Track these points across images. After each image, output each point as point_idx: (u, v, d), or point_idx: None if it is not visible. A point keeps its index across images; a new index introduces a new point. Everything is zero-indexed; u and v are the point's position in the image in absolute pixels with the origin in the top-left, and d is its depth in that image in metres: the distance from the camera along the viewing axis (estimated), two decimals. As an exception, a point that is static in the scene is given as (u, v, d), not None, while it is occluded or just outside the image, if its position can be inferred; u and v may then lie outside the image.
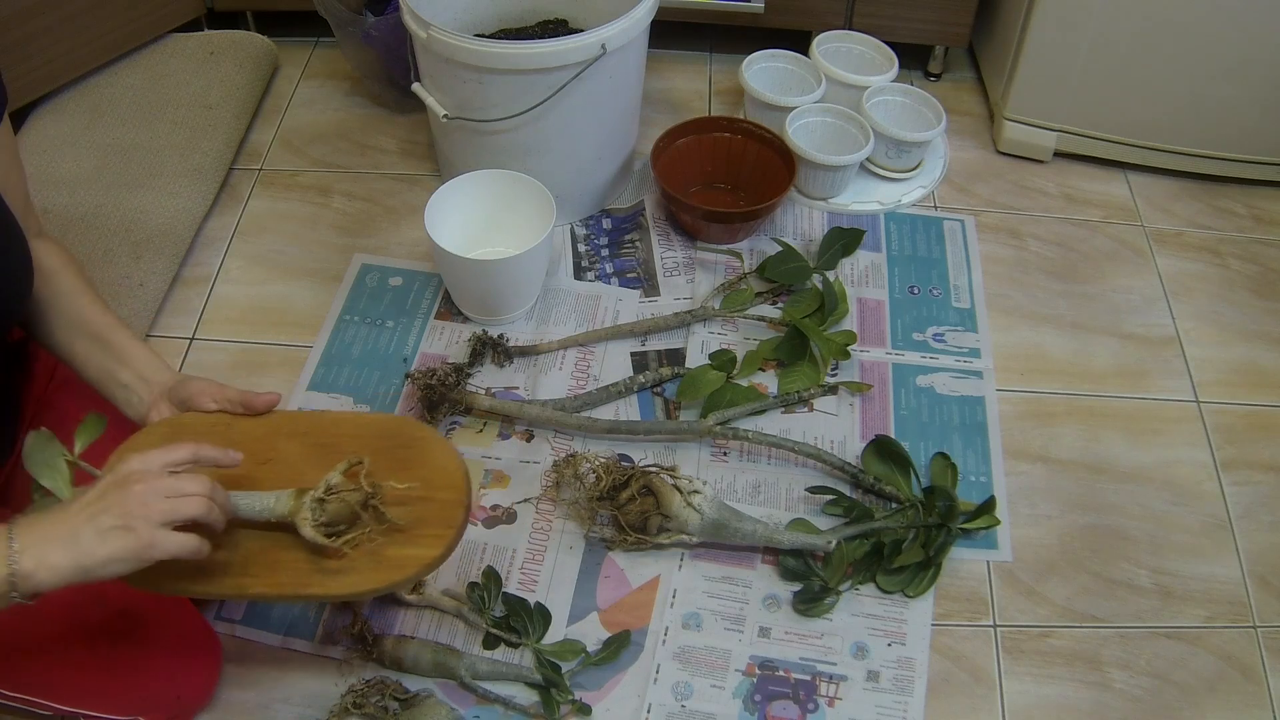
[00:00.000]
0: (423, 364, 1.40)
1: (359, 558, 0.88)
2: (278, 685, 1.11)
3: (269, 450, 0.94)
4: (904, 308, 1.50)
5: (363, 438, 0.96)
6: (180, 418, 0.97)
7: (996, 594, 1.22)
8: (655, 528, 1.19)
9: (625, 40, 1.37)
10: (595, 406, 1.36)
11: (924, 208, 1.65)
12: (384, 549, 0.89)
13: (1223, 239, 1.64)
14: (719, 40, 1.93)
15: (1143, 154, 1.70)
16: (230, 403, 0.98)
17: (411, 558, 0.88)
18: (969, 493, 1.29)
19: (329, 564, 0.87)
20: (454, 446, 0.96)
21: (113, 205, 1.53)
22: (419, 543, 0.89)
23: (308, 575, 0.87)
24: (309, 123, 1.76)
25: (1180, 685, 1.16)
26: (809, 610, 1.18)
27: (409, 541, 0.89)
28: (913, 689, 1.13)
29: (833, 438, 1.34)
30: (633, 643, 1.15)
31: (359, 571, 0.87)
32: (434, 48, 1.35)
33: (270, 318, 1.46)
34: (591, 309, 1.48)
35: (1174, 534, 1.28)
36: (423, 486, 0.91)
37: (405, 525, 0.89)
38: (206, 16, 1.84)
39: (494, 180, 1.43)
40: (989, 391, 1.41)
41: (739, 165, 1.61)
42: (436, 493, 0.92)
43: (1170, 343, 1.49)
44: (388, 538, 0.89)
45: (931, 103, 1.65)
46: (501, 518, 1.25)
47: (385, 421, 1.00)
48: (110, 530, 0.77)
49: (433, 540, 0.89)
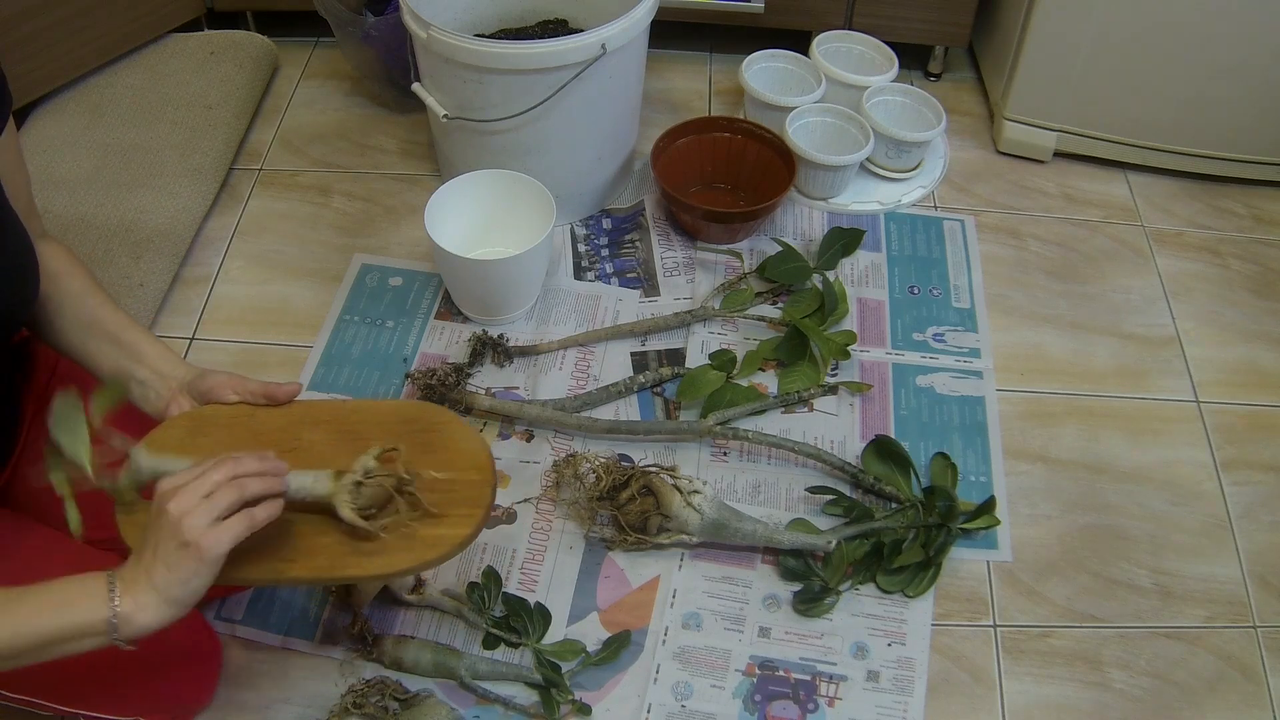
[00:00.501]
0: (423, 364, 1.40)
1: (392, 539, 0.89)
2: (278, 685, 1.11)
3: (293, 440, 0.95)
4: (904, 308, 1.50)
5: (385, 424, 0.97)
6: (200, 411, 0.97)
7: (996, 594, 1.22)
8: (655, 528, 1.19)
9: (625, 40, 1.37)
10: (595, 406, 1.36)
11: (924, 208, 1.65)
12: (417, 529, 0.90)
13: (1223, 239, 1.64)
14: (719, 40, 1.93)
15: (1143, 154, 1.70)
16: (252, 394, 0.97)
17: (444, 537, 0.90)
18: (969, 493, 1.29)
19: (364, 546, 0.88)
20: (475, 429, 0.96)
21: (113, 205, 1.53)
22: (450, 523, 0.90)
23: (344, 557, 0.88)
24: (309, 123, 1.76)
25: (1180, 685, 1.16)
26: (809, 610, 1.18)
27: (440, 521, 0.90)
28: (913, 689, 1.13)
29: (833, 438, 1.34)
30: (633, 643, 1.15)
31: (393, 552, 0.88)
32: (434, 48, 1.35)
33: (270, 318, 1.46)
34: (591, 309, 1.48)
35: (1174, 534, 1.28)
36: (449, 467, 0.93)
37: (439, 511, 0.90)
38: (206, 16, 1.84)
39: (494, 180, 1.43)
40: (989, 391, 1.41)
41: (739, 165, 1.61)
42: (463, 474, 0.93)
43: (1170, 343, 1.49)
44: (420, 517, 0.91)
45: (931, 103, 1.65)
46: (501, 518, 1.25)
47: (405, 407, 1.02)
48: (172, 554, 0.79)
49: (463, 520, 0.91)
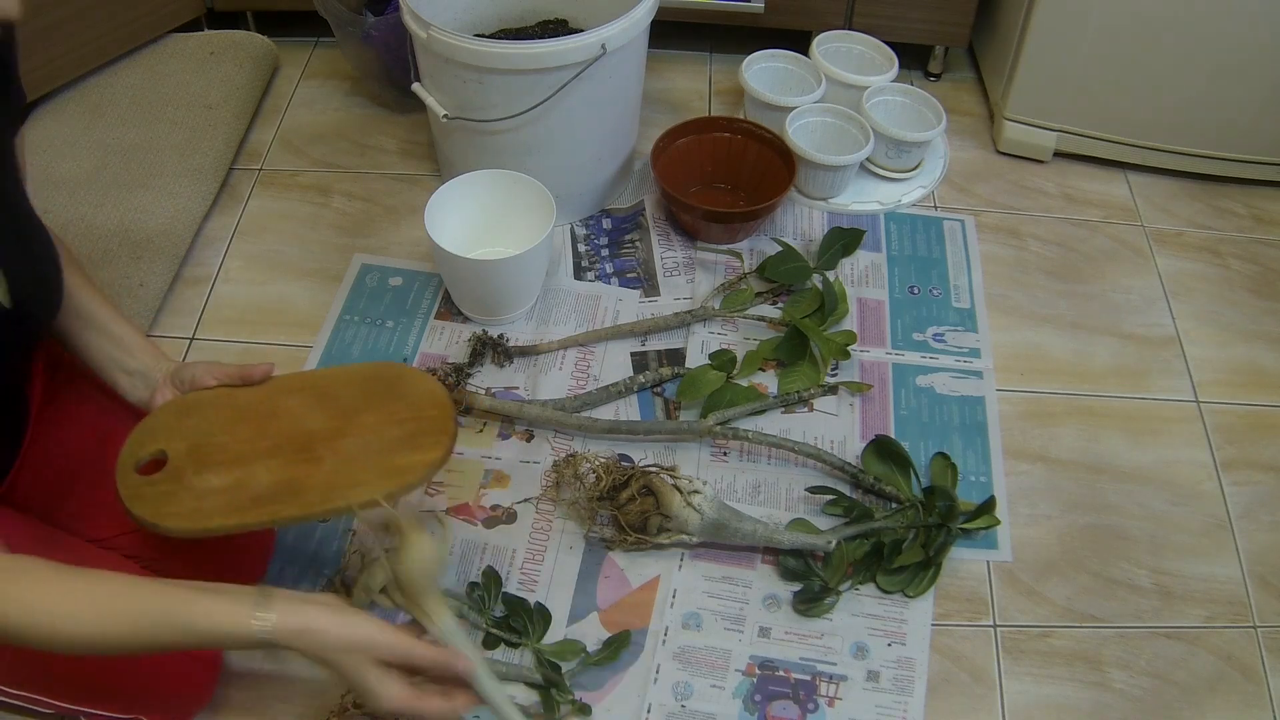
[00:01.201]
0: (423, 364, 1.40)
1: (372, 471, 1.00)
2: (278, 685, 1.11)
3: (272, 409, 1.05)
4: (904, 308, 1.50)
5: (353, 382, 1.09)
6: (185, 397, 1.06)
7: (996, 594, 1.22)
8: (655, 528, 1.19)
9: (625, 40, 1.37)
10: (595, 406, 1.36)
11: (924, 208, 1.65)
12: (392, 458, 1.01)
13: (1223, 239, 1.64)
14: (719, 40, 1.93)
15: (1143, 154, 1.70)
16: (229, 377, 1.07)
17: (419, 462, 1.01)
18: (969, 493, 1.29)
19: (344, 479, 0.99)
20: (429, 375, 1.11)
21: (112, 205, 1.53)
22: (422, 449, 1.02)
23: (329, 490, 0.98)
24: (309, 123, 1.76)
25: (1180, 685, 1.16)
26: (809, 610, 1.18)
27: (414, 449, 1.02)
28: (913, 689, 1.13)
29: (833, 438, 1.34)
30: (633, 643, 1.15)
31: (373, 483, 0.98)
32: (434, 48, 1.35)
33: (270, 318, 1.46)
34: (591, 309, 1.48)
35: (1174, 534, 1.28)
36: (413, 408, 1.05)
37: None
38: (206, 16, 1.84)
39: (494, 180, 1.43)
40: (989, 391, 1.41)
41: (739, 165, 1.61)
42: (425, 410, 1.05)
43: (1170, 343, 1.49)
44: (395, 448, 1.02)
45: (931, 103, 1.65)
46: (501, 518, 1.25)
47: (366, 368, 1.15)
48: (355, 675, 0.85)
49: (433, 445, 1.02)
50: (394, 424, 1.04)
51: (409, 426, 1.04)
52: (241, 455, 1.01)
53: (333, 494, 0.98)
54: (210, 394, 1.06)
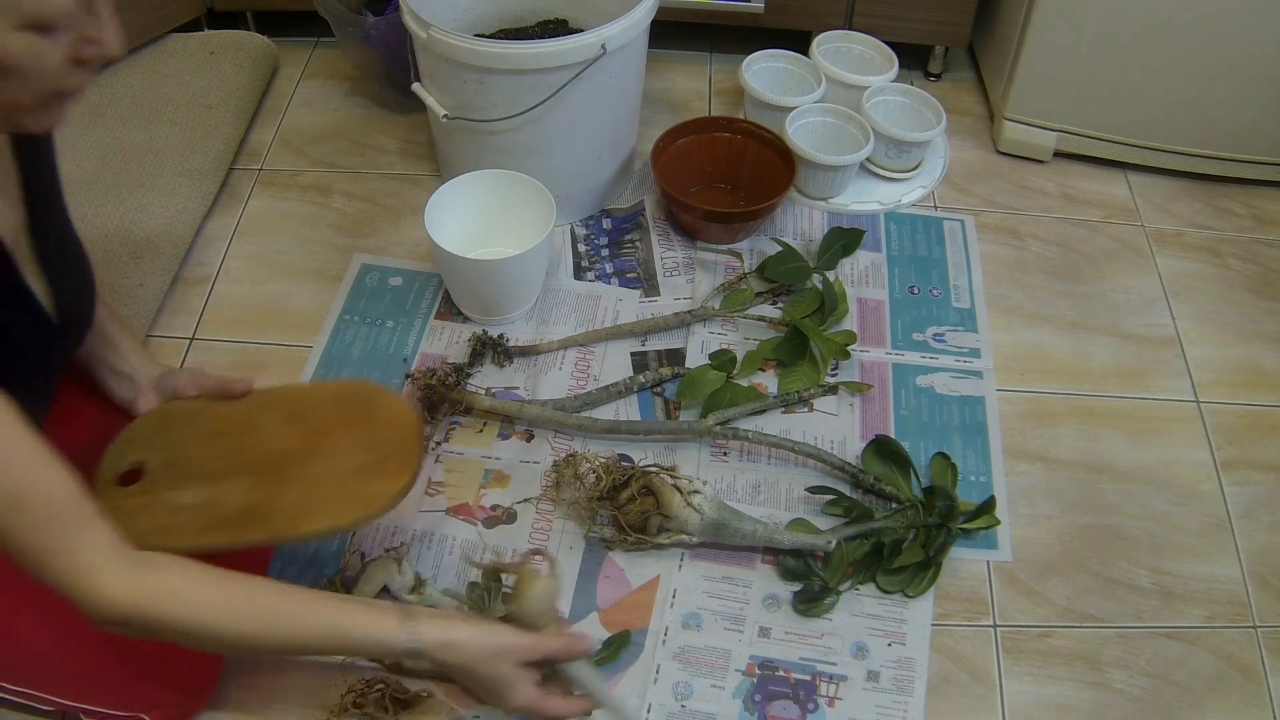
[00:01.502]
0: (423, 364, 1.40)
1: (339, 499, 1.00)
2: (278, 685, 1.11)
3: (249, 423, 1.07)
4: (904, 308, 1.50)
5: (328, 401, 1.10)
6: (166, 407, 1.09)
7: (996, 594, 1.22)
8: (655, 528, 1.19)
9: (625, 40, 1.37)
10: (595, 406, 1.36)
11: (924, 208, 1.65)
12: (356, 486, 1.02)
13: (1223, 239, 1.64)
14: (719, 40, 1.93)
15: (1143, 154, 1.70)
16: (210, 390, 1.09)
17: (382, 491, 1.01)
18: (969, 493, 1.29)
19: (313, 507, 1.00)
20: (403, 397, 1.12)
21: (113, 205, 1.53)
22: (386, 477, 1.02)
23: (295, 517, 0.99)
24: (309, 123, 1.76)
25: (1180, 685, 1.16)
26: (809, 610, 1.18)
27: (379, 476, 1.02)
28: (913, 689, 1.13)
29: (833, 438, 1.34)
30: (633, 643, 1.15)
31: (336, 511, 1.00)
32: (434, 48, 1.35)
33: (270, 318, 1.46)
34: (591, 309, 1.48)
35: (1174, 534, 1.28)
36: (383, 431, 1.06)
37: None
38: (206, 16, 1.84)
39: (494, 180, 1.43)
40: (989, 391, 1.41)
41: (739, 165, 1.61)
42: (395, 434, 1.06)
43: (1170, 343, 1.49)
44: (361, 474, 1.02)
45: (931, 103, 1.65)
46: (501, 518, 1.25)
47: (344, 386, 1.17)
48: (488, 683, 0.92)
49: (397, 473, 1.02)
50: (362, 448, 1.05)
51: (378, 452, 1.04)
52: (214, 473, 1.03)
53: (298, 520, 0.99)
54: (190, 405, 1.09)
